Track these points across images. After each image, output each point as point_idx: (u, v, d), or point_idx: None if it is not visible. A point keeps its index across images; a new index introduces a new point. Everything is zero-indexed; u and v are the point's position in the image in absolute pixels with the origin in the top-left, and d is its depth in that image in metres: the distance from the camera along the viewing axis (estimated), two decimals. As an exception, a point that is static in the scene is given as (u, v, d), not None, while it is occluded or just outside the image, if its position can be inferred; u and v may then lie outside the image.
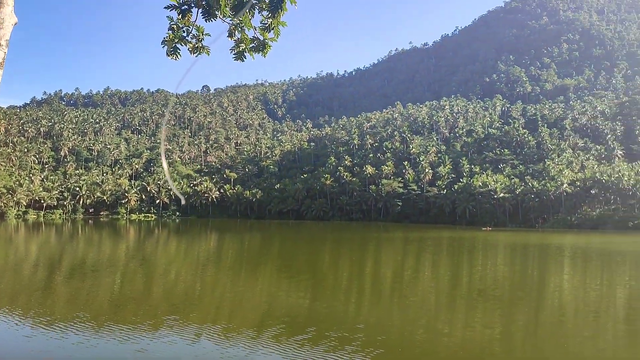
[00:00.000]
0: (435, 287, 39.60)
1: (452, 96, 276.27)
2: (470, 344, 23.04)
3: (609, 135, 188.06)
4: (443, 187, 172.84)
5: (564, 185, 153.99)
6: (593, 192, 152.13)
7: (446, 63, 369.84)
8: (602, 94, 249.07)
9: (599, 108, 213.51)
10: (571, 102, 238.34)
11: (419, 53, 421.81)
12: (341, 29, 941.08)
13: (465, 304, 33.02)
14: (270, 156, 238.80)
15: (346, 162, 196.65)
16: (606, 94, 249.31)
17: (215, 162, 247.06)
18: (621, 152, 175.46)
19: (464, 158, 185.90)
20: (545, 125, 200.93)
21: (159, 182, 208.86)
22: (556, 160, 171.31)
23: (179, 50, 8.81)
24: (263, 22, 8.50)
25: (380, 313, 29.46)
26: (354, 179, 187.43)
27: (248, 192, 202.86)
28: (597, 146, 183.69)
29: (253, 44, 8.80)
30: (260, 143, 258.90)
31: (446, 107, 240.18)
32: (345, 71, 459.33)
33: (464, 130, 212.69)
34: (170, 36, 8.67)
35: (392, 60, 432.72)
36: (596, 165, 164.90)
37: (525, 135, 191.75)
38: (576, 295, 37.08)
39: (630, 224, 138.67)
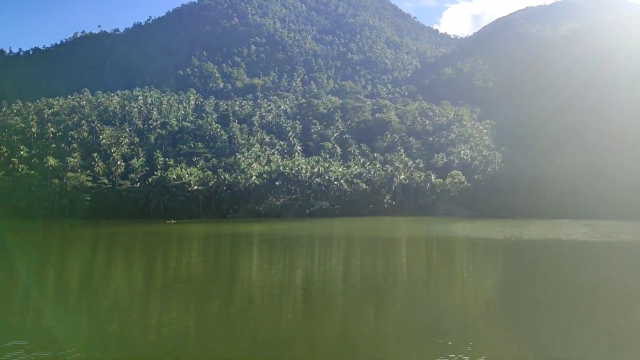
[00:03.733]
0: (129, 286, 37.53)
1: (146, 87, 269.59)
2: (165, 339, 22.31)
3: (290, 133, 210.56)
4: (136, 180, 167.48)
5: (253, 178, 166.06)
6: (277, 183, 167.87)
7: (139, 52, 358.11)
8: (284, 94, 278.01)
9: (282, 107, 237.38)
10: (259, 100, 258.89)
11: (110, 39, 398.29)
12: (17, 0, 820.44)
13: (160, 300, 32.10)
14: None
15: (22, 152, 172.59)
16: (288, 95, 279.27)
17: None
18: (300, 148, 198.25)
19: (158, 151, 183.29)
20: (236, 121, 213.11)
21: None
22: (246, 154, 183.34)
23: None
24: None
25: (65, 323, 26.22)
26: (33, 172, 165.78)
27: None
28: (281, 142, 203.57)
29: None
30: None
31: (139, 97, 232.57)
32: (21, 49, 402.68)
33: (158, 122, 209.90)
34: None
35: (78, 43, 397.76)
36: (280, 159, 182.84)
37: (218, 130, 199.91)
38: (263, 280, 39.86)
39: (307, 211, 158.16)
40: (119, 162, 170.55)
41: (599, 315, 26.25)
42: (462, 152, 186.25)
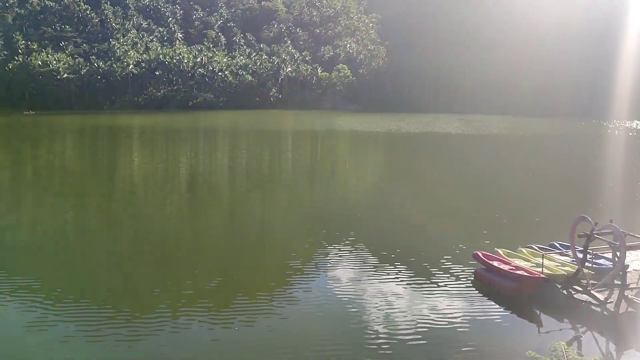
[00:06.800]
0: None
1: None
2: (39, 239, 21.02)
3: (170, 18, 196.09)
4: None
5: (130, 67, 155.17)
6: (157, 73, 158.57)
7: None
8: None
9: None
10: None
11: None
12: None
13: (32, 197, 29.93)
14: None
15: None
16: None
17: None
18: (181, 36, 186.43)
19: (18, 33, 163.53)
20: (109, 3, 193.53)
21: None
22: (121, 40, 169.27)
23: None
24: None
25: None
26: None
27: None
28: (160, 28, 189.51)
29: None
30: None
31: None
32: None
33: (16, 0, 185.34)
34: None
35: None
36: (160, 47, 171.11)
37: (88, 12, 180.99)
38: (144, 175, 38.52)
39: (190, 103, 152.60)
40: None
41: (448, 198, 28.72)
42: (348, 45, 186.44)
